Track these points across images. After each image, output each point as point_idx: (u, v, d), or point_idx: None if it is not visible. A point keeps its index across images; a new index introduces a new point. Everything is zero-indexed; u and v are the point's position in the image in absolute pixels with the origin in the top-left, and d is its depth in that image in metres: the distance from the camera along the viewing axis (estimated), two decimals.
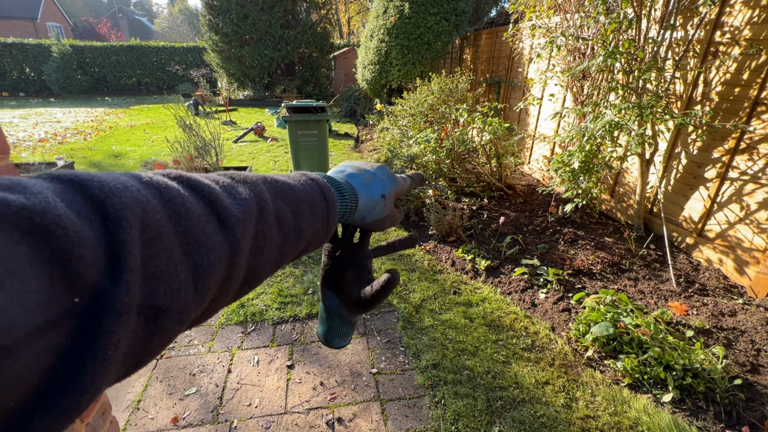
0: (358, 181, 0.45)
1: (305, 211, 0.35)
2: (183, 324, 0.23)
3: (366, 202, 0.44)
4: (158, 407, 1.86)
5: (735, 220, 2.72)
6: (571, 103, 4.06)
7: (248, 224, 0.28)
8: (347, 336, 0.52)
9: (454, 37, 7.26)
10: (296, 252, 0.35)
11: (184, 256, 0.23)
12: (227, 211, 0.26)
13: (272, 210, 0.31)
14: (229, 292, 0.28)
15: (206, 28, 12.81)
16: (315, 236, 0.37)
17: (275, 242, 0.31)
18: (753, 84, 2.54)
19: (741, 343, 2.15)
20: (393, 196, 0.48)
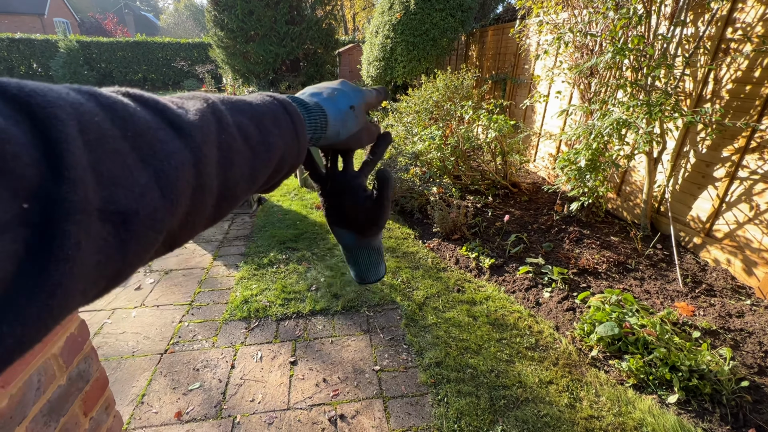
0: (321, 97, 0.43)
1: (268, 124, 0.33)
2: (157, 231, 0.22)
3: (336, 116, 0.42)
4: (162, 401, 1.87)
5: (744, 220, 2.68)
6: (577, 101, 4.02)
7: (207, 132, 0.26)
8: (379, 265, 0.50)
9: (459, 34, 7.20)
10: (270, 168, 0.34)
11: (140, 162, 0.22)
12: (180, 118, 0.25)
13: (231, 122, 0.29)
14: (205, 205, 0.26)
15: (211, 24, 12.82)
16: (287, 152, 0.35)
17: (244, 155, 0.30)
18: (765, 81, 2.49)
19: (748, 344, 2.12)
20: (363, 107, 0.46)
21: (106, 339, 2.27)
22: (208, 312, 2.52)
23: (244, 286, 2.78)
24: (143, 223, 0.21)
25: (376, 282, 0.51)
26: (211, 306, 2.58)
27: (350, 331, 2.36)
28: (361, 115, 0.45)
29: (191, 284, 2.82)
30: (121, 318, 2.45)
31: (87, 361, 0.91)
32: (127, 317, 2.46)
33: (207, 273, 2.96)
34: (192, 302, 2.62)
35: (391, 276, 2.91)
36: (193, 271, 2.98)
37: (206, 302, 2.62)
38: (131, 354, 2.16)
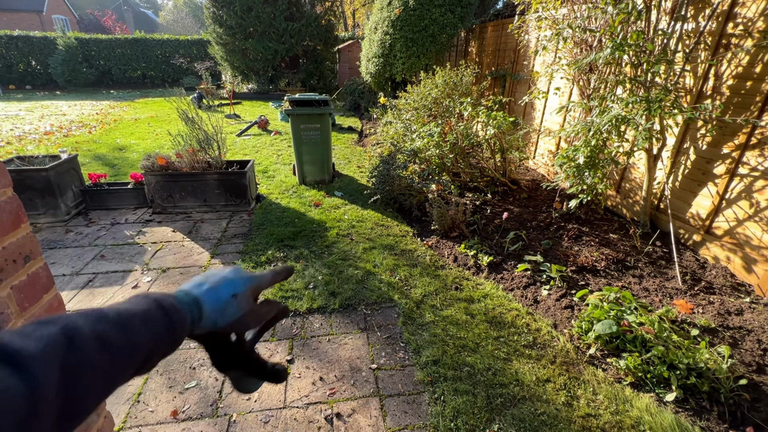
0: (202, 288, 0.46)
1: (136, 323, 0.36)
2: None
3: (213, 306, 0.45)
4: (158, 400, 1.87)
5: (744, 217, 2.66)
6: (577, 97, 3.99)
7: (50, 357, 0.29)
8: (259, 383, 0.54)
9: (459, 30, 7.15)
10: (136, 365, 0.36)
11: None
12: (18, 352, 0.28)
13: (88, 334, 0.32)
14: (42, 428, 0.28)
15: (210, 21, 12.75)
16: (158, 344, 0.38)
17: (97, 365, 0.32)
18: (766, 77, 2.46)
19: (747, 342, 2.11)
20: (249, 293, 0.49)
21: None
22: None
23: None
24: None
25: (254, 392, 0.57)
26: None
27: (347, 329, 2.35)
28: (245, 301, 0.48)
29: None
30: None
31: None
32: None
33: (204, 271, 2.95)
34: None
35: (389, 274, 2.90)
36: (190, 270, 2.98)
37: None
38: None
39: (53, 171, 3.57)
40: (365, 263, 3.04)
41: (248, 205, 4.07)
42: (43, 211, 3.65)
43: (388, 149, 5.17)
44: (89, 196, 4.03)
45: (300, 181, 4.84)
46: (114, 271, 2.94)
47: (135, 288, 2.74)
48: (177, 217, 3.89)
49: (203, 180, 3.91)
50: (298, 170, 4.80)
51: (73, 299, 2.59)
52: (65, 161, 3.75)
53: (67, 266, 2.99)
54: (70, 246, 3.30)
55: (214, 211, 4.03)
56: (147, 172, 3.83)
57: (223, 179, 3.94)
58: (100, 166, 5.59)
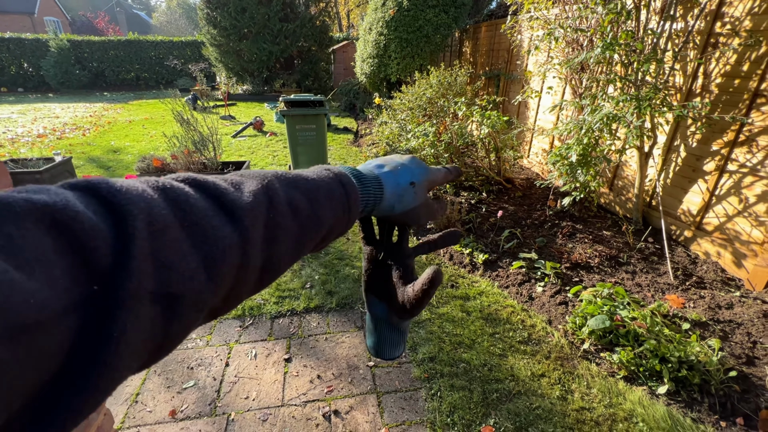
0: (383, 170, 0.44)
1: (321, 198, 0.36)
2: (199, 310, 0.25)
3: (393, 190, 0.43)
4: (156, 400, 1.87)
5: (733, 213, 2.71)
6: (569, 96, 4.03)
7: (257, 213, 0.29)
8: (399, 345, 0.49)
9: (453, 30, 7.19)
10: (317, 239, 0.36)
11: (192, 248, 0.24)
12: (233, 203, 0.28)
13: (284, 199, 0.32)
14: (248, 281, 0.29)
15: (204, 22, 12.72)
16: (336, 223, 0.37)
17: (291, 231, 0.32)
18: (753, 75, 2.51)
19: (737, 335, 2.15)
20: (425, 185, 0.47)
21: None
22: None
23: None
24: (187, 305, 0.24)
25: (390, 360, 0.51)
26: None
27: (344, 328, 2.37)
28: (422, 191, 0.46)
29: None
30: None
31: None
32: None
33: None
34: None
35: None
36: None
37: None
38: None
39: (48, 174, 3.56)
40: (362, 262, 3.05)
41: None
42: None
43: (383, 149, 5.20)
44: None
45: None
46: None
47: None
48: None
49: None
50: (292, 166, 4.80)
51: None
52: (59, 164, 3.74)
53: None
54: None
55: None
56: (142, 173, 3.82)
57: None
58: (95, 168, 5.57)
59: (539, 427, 1.72)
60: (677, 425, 1.70)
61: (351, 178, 0.40)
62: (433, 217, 0.48)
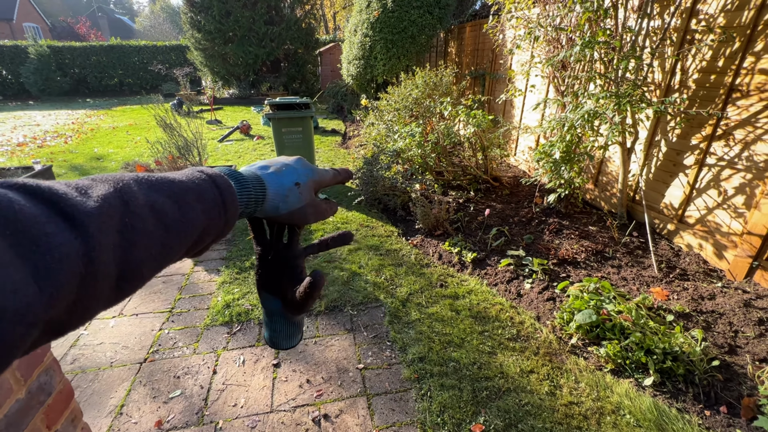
0: (266, 171, 0.45)
1: (191, 199, 0.34)
2: (29, 325, 0.23)
3: (276, 190, 0.44)
4: (142, 411, 1.84)
5: (713, 205, 2.77)
6: (552, 94, 4.08)
7: (106, 218, 0.27)
8: (294, 336, 0.51)
9: (438, 31, 7.23)
10: (188, 243, 0.34)
11: (17, 258, 0.22)
12: (75, 208, 0.26)
13: (143, 202, 0.31)
14: (99, 291, 0.27)
15: (188, 26, 12.58)
16: (210, 225, 0.36)
17: (154, 234, 0.31)
18: (728, 71, 2.57)
19: (719, 325, 2.19)
20: (311, 185, 0.47)
21: (82, 351, 2.22)
22: (188, 318, 2.48)
23: (225, 290, 2.74)
24: (10, 319, 0.21)
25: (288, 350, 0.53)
26: (192, 312, 2.54)
27: (334, 331, 2.35)
28: (307, 192, 0.46)
29: (171, 291, 2.77)
30: (98, 329, 2.39)
31: (48, 374, 0.88)
32: (104, 327, 2.40)
33: (187, 279, 2.92)
34: (172, 309, 2.57)
35: (374, 274, 2.92)
36: (172, 278, 2.93)
37: (187, 309, 2.58)
38: (109, 365, 2.11)
39: None
40: (351, 264, 3.04)
41: None
42: None
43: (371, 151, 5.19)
44: None
45: None
46: None
47: None
48: None
49: None
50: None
51: None
52: (39, 172, 3.66)
53: None
54: None
55: None
56: None
57: None
58: (77, 176, 5.44)
59: (529, 423, 1.73)
60: (663, 416, 1.73)
61: (227, 179, 0.39)
62: (322, 217, 0.49)
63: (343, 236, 0.53)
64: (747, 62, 2.47)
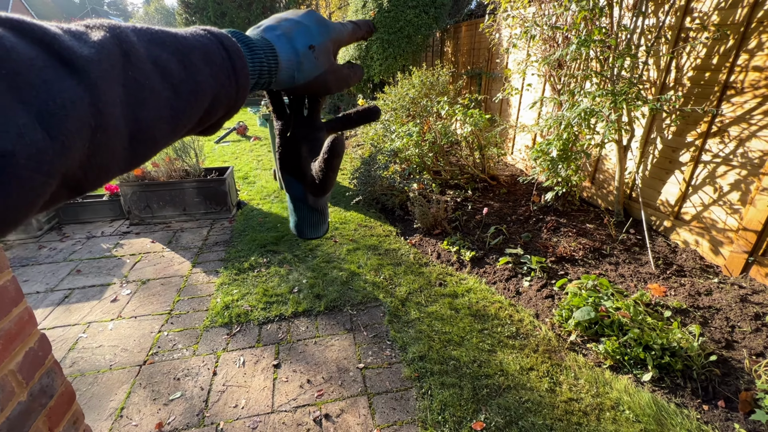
0: (275, 33, 0.37)
1: (197, 60, 0.30)
2: (45, 174, 0.21)
3: (289, 57, 0.37)
4: (142, 413, 1.83)
5: (709, 201, 2.79)
6: (549, 93, 4.10)
7: (107, 67, 0.24)
8: (319, 226, 0.48)
9: (434, 30, 7.25)
10: (200, 109, 0.30)
11: (18, 103, 0.20)
12: (71, 52, 0.23)
13: (144, 56, 0.27)
14: (113, 148, 0.25)
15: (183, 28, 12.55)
16: (221, 92, 0.31)
17: (162, 94, 0.27)
18: (722, 68, 2.59)
19: (716, 320, 2.21)
20: (329, 46, 0.40)
21: (81, 354, 2.21)
22: (188, 320, 2.47)
23: (224, 291, 2.74)
24: (24, 165, 0.20)
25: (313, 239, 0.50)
26: (191, 314, 2.53)
27: (334, 331, 2.35)
28: (324, 56, 0.40)
29: (170, 293, 2.76)
30: (97, 331, 2.38)
31: (50, 376, 0.88)
32: (103, 330, 2.39)
33: (186, 281, 2.91)
34: (171, 311, 2.56)
35: (373, 273, 2.92)
36: (171, 280, 2.92)
37: (186, 310, 2.57)
38: (108, 367, 2.11)
39: None
40: (350, 264, 3.05)
41: (229, 212, 4.02)
42: None
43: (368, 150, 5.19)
44: (62, 210, 3.91)
45: (281, 186, 4.81)
46: (91, 286, 2.86)
47: (114, 302, 2.67)
48: (156, 228, 3.81)
49: (181, 188, 3.85)
50: (278, 175, 4.77)
51: (48, 316, 2.51)
52: None
53: (41, 283, 2.89)
54: (44, 262, 3.20)
55: (194, 219, 3.97)
56: (122, 182, 3.74)
57: (202, 187, 3.88)
58: None
59: (529, 420, 1.74)
60: (662, 411, 1.74)
61: (235, 41, 0.33)
62: (345, 85, 0.43)
63: (369, 110, 0.46)
64: (741, 59, 2.49)
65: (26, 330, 0.84)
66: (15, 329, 0.81)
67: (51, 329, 2.40)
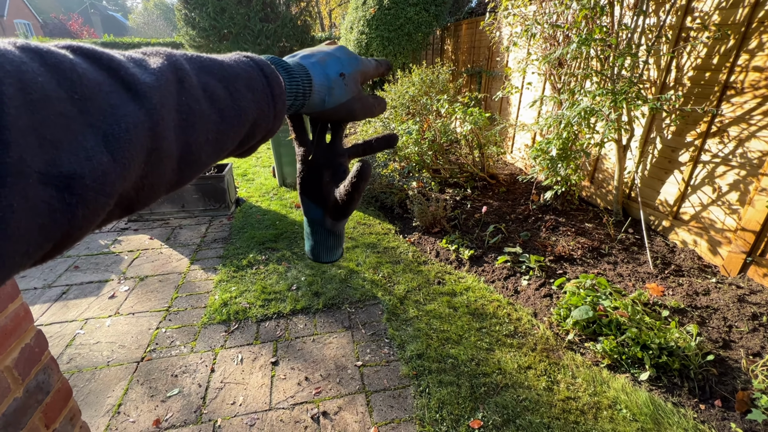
0: (310, 60, 0.41)
1: (241, 87, 0.32)
2: (107, 195, 0.22)
3: (322, 82, 0.40)
4: (140, 410, 1.83)
5: (708, 202, 2.79)
6: (549, 91, 4.09)
7: (165, 93, 0.26)
8: (335, 249, 0.49)
9: (434, 28, 7.22)
10: (241, 133, 0.32)
11: (88, 126, 0.21)
12: (134, 78, 0.25)
13: (196, 83, 0.29)
14: (164, 169, 0.26)
15: (182, 23, 12.48)
16: (260, 116, 0.34)
17: (210, 119, 0.29)
18: (722, 68, 2.59)
19: (714, 320, 2.22)
20: (357, 76, 0.44)
21: (79, 350, 2.20)
22: (186, 317, 2.47)
23: (222, 288, 2.73)
24: (90, 187, 0.21)
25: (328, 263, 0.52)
26: (189, 311, 2.53)
27: (332, 329, 2.35)
28: (353, 83, 0.43)
29: (168, 290, 2.75)
30: (94, 328, 2.38)
31: (46, 372, 0.88)
32: (101, 327, 2.39)
33: (184, 278, 2.90)
34: (169, 308, 2.56)
35: (372, 271, 2.92)
36: (169, 277, 2.92)
37: (184, 307, 2.56)
38: (106, 364, 2.10)
39: None
40: (348, 262, 3.04)
41: (228, 209, 4.01)
42: None
43: None
44: None
45: (280, 182, 4.80)
46: (89, 282, 2.85)
47: (112, 298, 2.67)
48: (154, 224, 3.80)
49: None
50: (278, 172, 4.76)
51: (46, 312, 2.50)
52: None
53: (38, 279, 2.88)
54: None
55: (193, 216, 3.96)
56: None
57: (201, 184, 3.87)
58: None
59: (526, 418, 1.75)
60: (659, 410, 1.75)
61: (274, 68, 0.36)
62: (369, 114, 0.46)
63: (389, 138, 0.49)
64: (741, 60, 2.49)
65: (22, 326, 0.84)
66: (11, 325, 0.81)
67: (48, 325, 2.39)
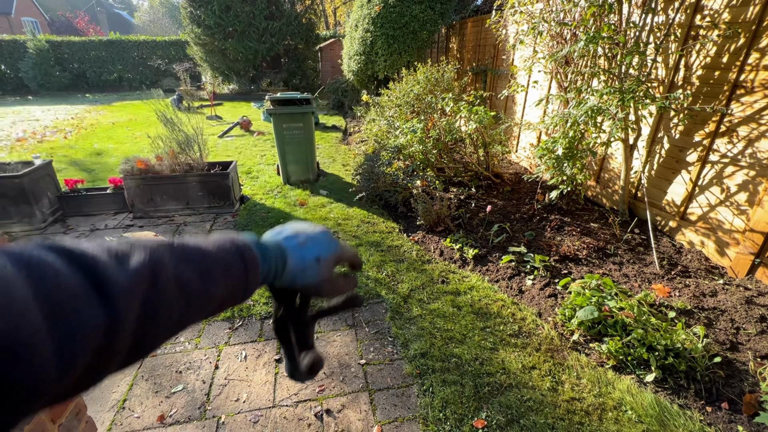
0: (293, 242, 0.45)
1: (216, 274, 0.35)
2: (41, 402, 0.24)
3: (296, 264, 0.44)
4: (144, 406, 1.84)
5: (716, 202, 2.76)
6: (555, 90, 4.06)
7: (135, 291, 0.28)
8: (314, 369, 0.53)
9: (439, 26, 7.19)
10: (206, 313, 0.36)
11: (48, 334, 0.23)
12: (109, 281, 0.27)
13: (172, 275, 0.31)
14: (110, 362, 0.28)
15: (188, 21, 12.51)
16: (229, 296, 0.37)
17: (174, 308, 0.32)
18: (732, 67, 2.56)
19: (721, 322, 2.19)
20: (332, 260, 0.47)
21: None
22: None
23: None
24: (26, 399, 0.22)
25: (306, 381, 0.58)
26: None
27: (336, 327, 2.35)
28: (326, 267, 0.46)
29: None
30: None
31: None
32: None
33: None
34: None
35: (376, 270, 2.91)
36: None
37: None
38: None
39: (27, 178, 3.47)
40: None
41: (232, 207, 4.02)
42: (17, 220, 3.54)
43: (372, 147, 5.18)
44: (66, 202, 3.92)
45: (284, 181, 4.80)
46: None
47: None
48: (159, 221, 3.82)
49: (185, 182, 3.85)
50: (282, 170, 4.76)
51: None
52: (39, 167, 3.64)
53: None
54: None
55: (198, 213, 3.97)
56: (126, 176, 3.74)
57: (206, 181, 3.88)
58: (77, 171, 5.44)
59: (530, 418, 1.74)
60: (665, 412, 1.73)
61: (255, 252, 0.40)
62: (338, 293, 0.50)
63: (354, 299, 0.53)
64: (752, 58, 2.45)
65: None
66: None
67: None
